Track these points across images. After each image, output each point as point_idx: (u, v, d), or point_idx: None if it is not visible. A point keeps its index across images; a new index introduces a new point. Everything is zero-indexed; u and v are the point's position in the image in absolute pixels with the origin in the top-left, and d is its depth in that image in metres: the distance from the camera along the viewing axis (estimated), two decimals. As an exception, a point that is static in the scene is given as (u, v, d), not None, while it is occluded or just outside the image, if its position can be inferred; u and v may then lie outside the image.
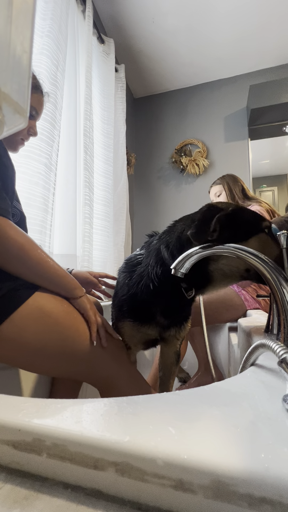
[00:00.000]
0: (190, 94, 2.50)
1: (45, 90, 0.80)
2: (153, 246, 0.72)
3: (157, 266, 0.67)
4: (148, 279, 0.68)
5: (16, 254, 0.59)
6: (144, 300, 0.69)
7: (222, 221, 0.58)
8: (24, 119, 0.27)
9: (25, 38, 0.25)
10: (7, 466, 0.23)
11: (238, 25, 1.94)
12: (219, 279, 0.64)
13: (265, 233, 0.62)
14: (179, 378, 1.53)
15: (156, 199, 2.52)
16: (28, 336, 0.59)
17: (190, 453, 0.18)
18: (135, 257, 0.77)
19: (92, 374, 0.66)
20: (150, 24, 1.94)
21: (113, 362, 0.66)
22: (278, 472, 0.17)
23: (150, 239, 0.78)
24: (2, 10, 0.23)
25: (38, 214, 1.12)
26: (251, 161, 2.26)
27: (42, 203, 1.14)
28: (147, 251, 0.74)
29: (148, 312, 0.71)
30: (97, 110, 1.72)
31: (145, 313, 0.71)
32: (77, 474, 0.21)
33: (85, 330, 0.65)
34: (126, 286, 0.73)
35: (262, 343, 0.32)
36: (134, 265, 0.75)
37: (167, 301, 0.68)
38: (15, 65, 0.24)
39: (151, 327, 0.72)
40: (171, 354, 0.84)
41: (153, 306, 0.70)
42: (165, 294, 0.67)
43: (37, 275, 0.63)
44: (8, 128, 0.26)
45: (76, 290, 0.67)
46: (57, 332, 0.61)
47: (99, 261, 1.63)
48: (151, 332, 0.73)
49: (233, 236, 0.59)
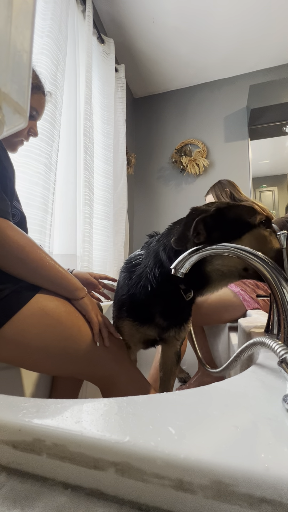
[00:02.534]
0: (190, 94, 2.50)
1: (47, 90, 0.80)
2: (152, 247, 0.72)
3: (155, 267, 0.67)
4: (147, 280, 0.68)
5: (16, 255, 0.59)
6: (143, 300, 0.69)
7: (207, 222, 0.57)
8: (24, 119, 0.27)
9: (25, 38, 0.25)
10: (7, 466, 0.23)
11: (238, 25, 1.94)
12: (217, 279, 0.63)
13: (259, 228, 0.58)
14: (179, 378, 1.53)
15: (156, 199, 2.52)
16: (31, 336, 0.59)
17: (190, 453, 0.18)
18: (135, 257, 0.77)
19: (93, 372, 0.66)
20: (150, 24, 1.94)
21: (114, 361, 0.67)
22: (278, 472, 0.17)
23: (150, 240, 0.78)
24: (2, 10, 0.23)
25: (38, 214, 1.12)
26: (251, 161, 2.26)
27: (42, 203, 1.14)
28: (146, 252, 0.74)
29: (147, 313, 0.70)
30: (97, 110, 1.72)
31: (144, 314, 0.71)
32: (77, 474, 0.21)
33: (87, 330, 0.65)
34: (126, 286, 0.73)
35: (262, 341, 0.32)
36: (134, 265, 0.75)
37: (166, 302, 0.68)
38: (15, 65, 0.24)
39: (150, 328, 0.72)
40: (171, 355, 0.84)
41: (152, 307, 0.69)
42: (164, 296, 0.67)
43: (38, 277, 0.62)
44: (8, 128, 0.26)
45: (77, 291, 0.67)
46: (59, 332, 0.61)
47: (99, 261, 1.63)
48: (150, 333, 0.73)
49: (224, 236, 0.57)
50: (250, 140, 2.28)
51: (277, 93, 2.04)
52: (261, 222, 0.58)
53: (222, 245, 0.52)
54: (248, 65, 2.28)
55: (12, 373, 0.76)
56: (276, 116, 2.15)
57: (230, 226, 0.59)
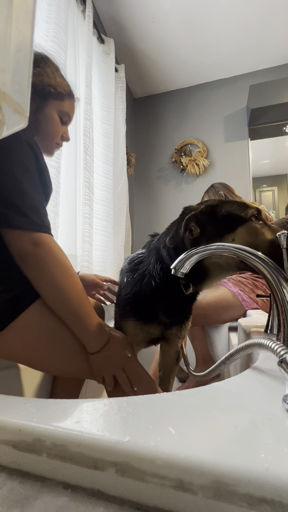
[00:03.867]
0: (190, 94, 2.50)
1: (76, 96, 0.82)
2: (153, 245, 0.74)
3: (157, 263, 0.68)
4: (150, 276, 0.69)
5: (57, 274, 0.57)
6: (148, 297, 0.70)
7: (199, 219, 0.60)
8: (24, 119, 0.27)
9: (25, 38, 0.25)
10: (7, 466, 0.23)
11: (238, 25, 1.94)
12: (216, 272, 0.64)
13: (251, 222, 0.59)
14: (179, 378, 1.54)
15: (156, 199, 2.52)
16: (37, 335, 0.59)
17: (190, 453, 0.18)
18: (137, 256, 0.78)
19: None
20: (150, 24, 1.93)
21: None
22: (278, 472, 0.17)
23: (152, 239, 0.79)
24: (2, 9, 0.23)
25: (50, 216, 1.13)
26: (251, 161, 2.26)
27: (53, 205, 1.15)
28: (148, 250, 0.75)
29: (151, 310, 0.71)
30: (97, 110, 1.72)
31: (148, 312, 0.71)
32: (77, 474, 0.21)
33: None
34: (129, 285, 0.74)
35: (260, 343, 0.32)
36: (137, 263, 0.76)
37: (169, 299, 0.68)
38: (15, 65, 0.24)
39: (154, 326, 0.72)
40: (172, 354, 0.85)
41: (156, 304, 0.70)
42: (167, 291, 0.68)
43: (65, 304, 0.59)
44: (8, 128, 0.26)
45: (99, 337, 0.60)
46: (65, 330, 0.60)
47: (99, 261, 1.63)
48: (154, 331, 0.73)
49: (218, 230, 0.60)
50: (250, 140, 2.28)
51: (277, 93, 2.04)
52: (253, 216, 0.60)
53: (222, 245, 0.52)
54: (248, 65, 2.28)
55: (12, 373, 0.76)
56: (276, 116, 2.15)
57: (223, 220, 0.61)
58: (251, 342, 0.35)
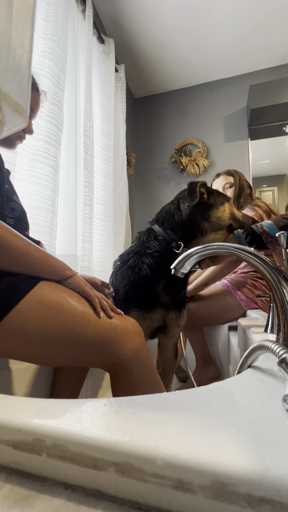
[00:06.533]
0: (190, 94, 2.50)
1: (41, 89, 0.80)
2: (141, 232, 0.90)
3: (151, 237, 0.84)
4: (146, 254, 0.81)
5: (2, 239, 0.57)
6: (146, 279, 0.79)
7: (206, 187, 0.86)
8: (24, 119, 0.27)
9: (25, 38, 0.25)
10: (7, 466, 0.23)
11: (238, 25, 1.94)
12: (208, 232, 0.84)
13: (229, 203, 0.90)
14: (179, 378, 1.54)
15: (156, 199, 2.52)
16: (33, 328, 0.58)
17: (190, 453, 0.18)
18: (126, 250, 0.90)
19: (102, 359, 0.63)
20: (150, 24, 1.93)
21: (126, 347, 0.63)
22: (278, 472, 0.17)
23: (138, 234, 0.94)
24: (2, 10, 0.23)
25: (47, 216, 1.14)
26: (251, 161, 2.26)
27: (50, 205, 1.15)
28: (137, 239, 0.90)
29: (152, 291, 0.79)
30: (97, 110, 1.72)
31: (149, 294, 0.79)
32: (77, 474, 0.21)
33: (92, 316, 0.63)
34: (126, 276, 0.83)
35: (261, 345, 0.32)
36: (128, 253, 0.87)
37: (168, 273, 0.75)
38: (15, 65, 0.24)
39: (156, 312, 0.80)
40: (170, 348, 0.90)
41: (155, 284, 0.79)
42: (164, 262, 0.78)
43: (20, 265, 0.61)
44: (8, 128, 0.26)
45: (65, 270, 0.65)
46: (63, 321, 0.59)
47: (99, 261, 1.63)
48: (157, 316, 0.81)
49: (214, 200, 0.86)
50: (250, 140, 2.28)
51: (277, 93, 2.04)
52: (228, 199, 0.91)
53: (222, 245, 0.52)
54: (248, 65, 2.28)
55: (12, 373, 0.76)
56: (276, 116, 2.15)
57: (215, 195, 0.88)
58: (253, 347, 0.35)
